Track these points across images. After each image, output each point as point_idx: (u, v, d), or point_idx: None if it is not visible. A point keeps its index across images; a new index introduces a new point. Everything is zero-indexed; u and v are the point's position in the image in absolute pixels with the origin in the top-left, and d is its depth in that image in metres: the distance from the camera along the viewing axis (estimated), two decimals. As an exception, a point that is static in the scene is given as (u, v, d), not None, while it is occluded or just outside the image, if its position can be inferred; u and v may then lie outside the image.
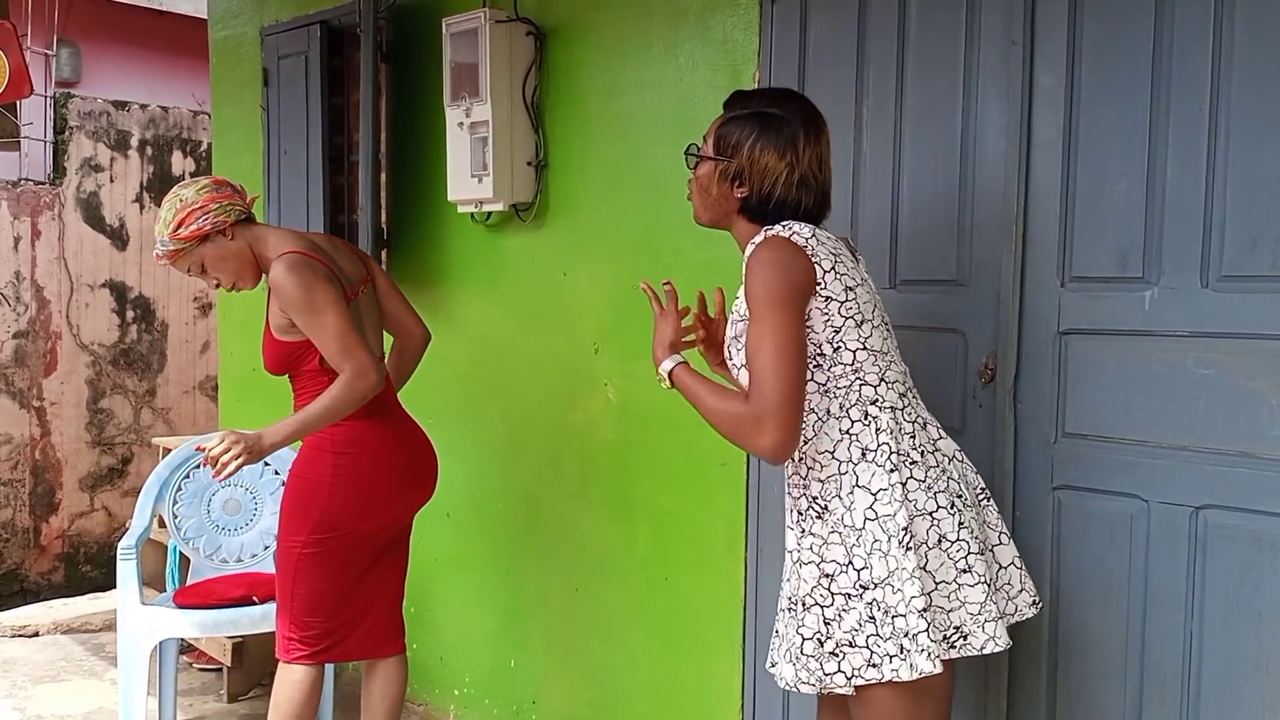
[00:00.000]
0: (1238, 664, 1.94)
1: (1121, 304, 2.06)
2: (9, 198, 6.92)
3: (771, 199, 1.91)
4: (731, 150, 1.92)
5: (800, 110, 1.93)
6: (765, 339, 1.80)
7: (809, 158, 1.90)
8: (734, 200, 1.95)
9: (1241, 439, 1.92)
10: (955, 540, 1.83)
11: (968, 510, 1.87)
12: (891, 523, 1.80)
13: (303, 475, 2.64)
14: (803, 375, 1.81)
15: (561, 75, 3.11)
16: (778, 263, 1.82)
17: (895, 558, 1.79)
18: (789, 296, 1.81)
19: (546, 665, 3.27)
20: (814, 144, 1.91)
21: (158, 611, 3.11)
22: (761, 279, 1.82)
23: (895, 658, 1.77)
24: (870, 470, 1.83)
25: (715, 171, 1.95)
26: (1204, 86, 1.95)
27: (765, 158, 1.90)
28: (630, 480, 2.99)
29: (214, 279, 2.61)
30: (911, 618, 1.77)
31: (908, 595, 1.78)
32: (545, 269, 3.20)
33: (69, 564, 7.30)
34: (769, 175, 1.90)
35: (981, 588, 1.83)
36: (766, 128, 1.90)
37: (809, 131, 1.91)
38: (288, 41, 3.99)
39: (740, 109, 1.95)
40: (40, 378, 7.09)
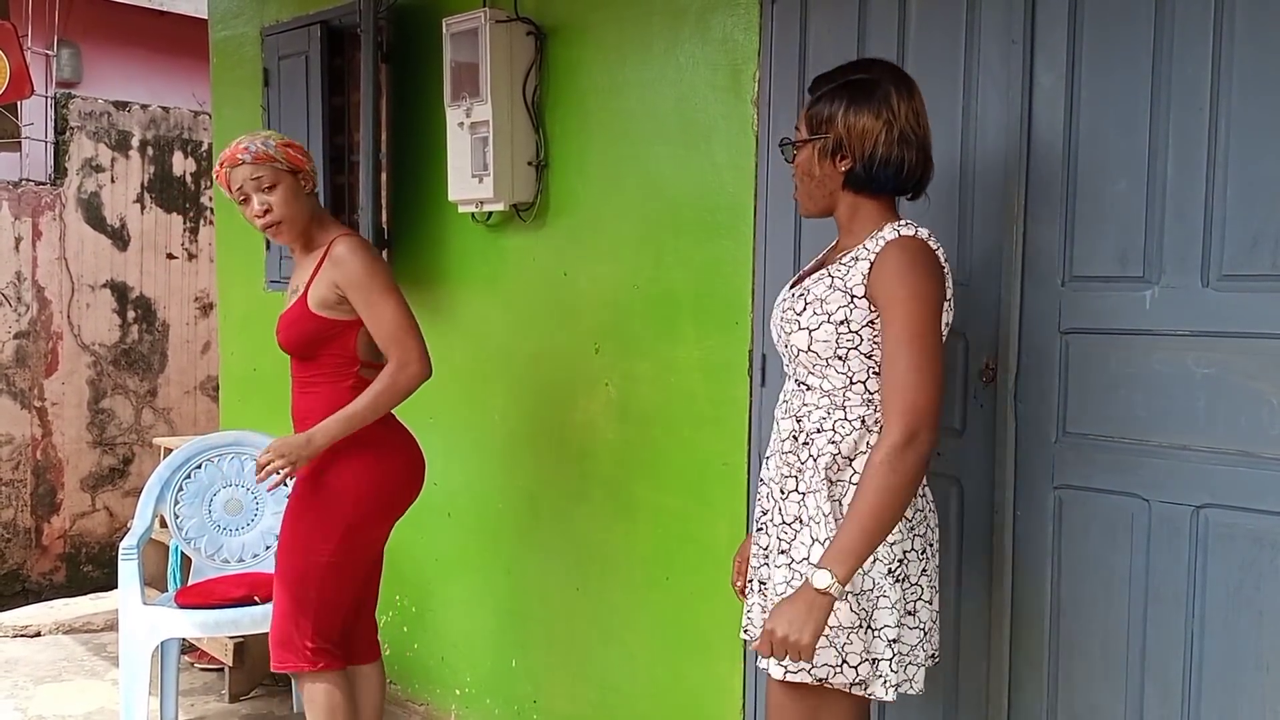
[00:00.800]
0: (1238, 663, 1.94)
1: (1122, 303, 2.06)
2: (10, 198, 6.92)
3: (875, 160, 1.86)
4: (826, 125, 1.89)
5: (887, 70, 1.91)
6: (917, 343, 1.77)
7: (905, 112, 1.87)
8: (838, 175, 1.90)
9: (1242, 438, 1.92)
10: (914, 584, 1.87)
11: (932, 560, 1.92)
12: (885, 549, 1.82)
13: (323, 482, 2.59)
14: (942, 369, 1.80)
15: (562, 75, 3.11)
16: (933, 270, 1.82)
17: (874, 579, 1.81)
18: (935, 304, 1.80)
19: (548, 665, 3.27)
20: (908, 99, 1.88)
21: (159, 611, 3.11)
22: (916, 278, 1.79)
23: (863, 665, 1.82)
24: None
25: (814, 151, 1.91)
26: (1204, 86, 1.95)
27: (862, 120, 1.86)
28: (631, 480, 2.99)
29: (265, 205, 2.54)
30: (878, 645, 1.81)
31: (878, 620, 1.81)
32: (546, 268, 3.20)
33: (70, 564, 7.31)
34: (868, 137, 1.86)
35: (918, 632, 1.88)
36: (857, 93, 1.87)
37: (900, 88, 1.88)
38: (288, 42, 3.99)
39: (825, 86, 1.93)
40: (41, 378, 7.10)
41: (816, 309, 1.86)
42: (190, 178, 7.66)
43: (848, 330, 1.84)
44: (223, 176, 2.59)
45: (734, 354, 2.69)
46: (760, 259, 2.63)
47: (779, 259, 2.58)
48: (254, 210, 2.56)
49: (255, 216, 2.56)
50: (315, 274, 2.58)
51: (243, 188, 2.55)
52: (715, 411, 2.74)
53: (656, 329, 2.89)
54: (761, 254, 2.63)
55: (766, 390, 2.62)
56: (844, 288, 1.84)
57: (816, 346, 1.86)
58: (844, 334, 1.84)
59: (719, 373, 2.73)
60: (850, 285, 1.84)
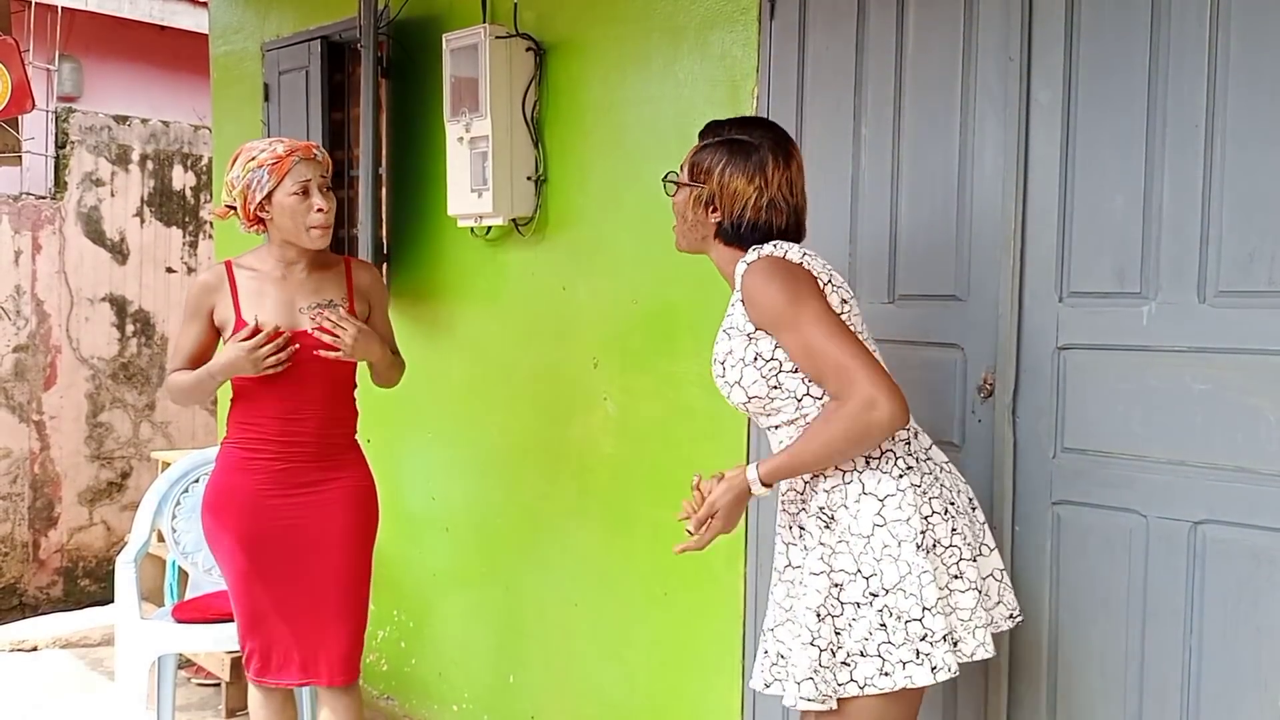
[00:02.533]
0: (1237, 679, 1.94)
1: (1119, 319, 2.06)
2: (10, 212, 6.93)
3: (743, 222, 1.95)
4: (704, 176, 1.98)
5: (769, 135, 1.98)
6: (814, 332, 1.82)
7: (778, 181, 1.94)
8: (709, 224, 1.99)
9: (1239, 454, 1.93)
10: (949, 546, 1.86)
11: (960, 517, 1.90)
12: (904, 527, 1.81)
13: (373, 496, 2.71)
14: (865, 347, 1.83)
15: (561, 91, 3.12)
16: (783, 271, 1.86)
17: (908, 561, 1.80)
18: (809, 292, 1.84)
19: (545, 681, 3.26)
20: (783, 168, 1.95)
21: (156, 626, 3.11)
22: (774, 288, 1.84)
23: (910, 664, 1.78)
24: (876, 476, 1.85)
25: (690, 197, 2.00)
26: (1200, 103, 1.96)
27: (734, 182, 1.94)
28: (629, 495, 2.99)
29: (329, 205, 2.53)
30: (929, 618, 1.78)
31: (926, 597, 1.79)
32: (545, 283, 3.21)
33: (68, 578, 7.29)
34: (738, 199, 1.94)
35: (972, 594, 1.86)
36: (735, 154, 1.95)
37: (777, 156, 1.95)
38: (288, 57, 4.00)
39: (711, 137, 2.01)
40: (40, 391, 7.09)
41: (730, 362, 1.93)
42: (190, 192, 7.68)
43: (764, 361, 1.89)
44: (286, 164, 2.49)
45: (732, 369, 2.70)
46: (759, 274, 2.63)
47: (777, 274, 2.59)
48: (318, 205, 2.50)
49: (317, 211, 2.51)
50: (351, 291, 2.63)
51: (309, 181, 2.50)
52: (714, 427, 2.74)
53: (655, 344, 2.89)
54: (760, 269, 2.63)
55: (765, 405, 2.63)
56: (738, 331, 1.91)
57: (753, 391, 1.91)
58: (764, 366, 1.89)
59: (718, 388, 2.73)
60: (740, 327, 1.91)
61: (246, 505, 2.58)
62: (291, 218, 2.51)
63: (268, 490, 2.58)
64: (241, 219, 2.58)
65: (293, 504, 2.60)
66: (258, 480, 2.58)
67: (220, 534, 2.60)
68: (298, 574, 2.60)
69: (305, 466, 2.60)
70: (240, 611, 2.63)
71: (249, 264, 2.61)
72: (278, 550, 2.59)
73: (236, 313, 2.55)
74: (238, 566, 2.59)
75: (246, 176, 2.52)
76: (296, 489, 2.60)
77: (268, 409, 2.57)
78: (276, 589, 2.60)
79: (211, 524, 2.62)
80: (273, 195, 2.51)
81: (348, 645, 2.64)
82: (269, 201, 2.51)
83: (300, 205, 2.51)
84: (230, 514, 2.58)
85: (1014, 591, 2.18)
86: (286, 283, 2.58)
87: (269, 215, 2.54)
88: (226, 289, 2.58)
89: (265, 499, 2.58)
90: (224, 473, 2.63)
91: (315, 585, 2.61)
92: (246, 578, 2.59)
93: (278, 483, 2.59)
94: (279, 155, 2.50)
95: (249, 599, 2.60)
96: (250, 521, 2.57)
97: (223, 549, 2.61)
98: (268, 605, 2.60)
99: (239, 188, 2.53)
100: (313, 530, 2.60)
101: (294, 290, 2.58)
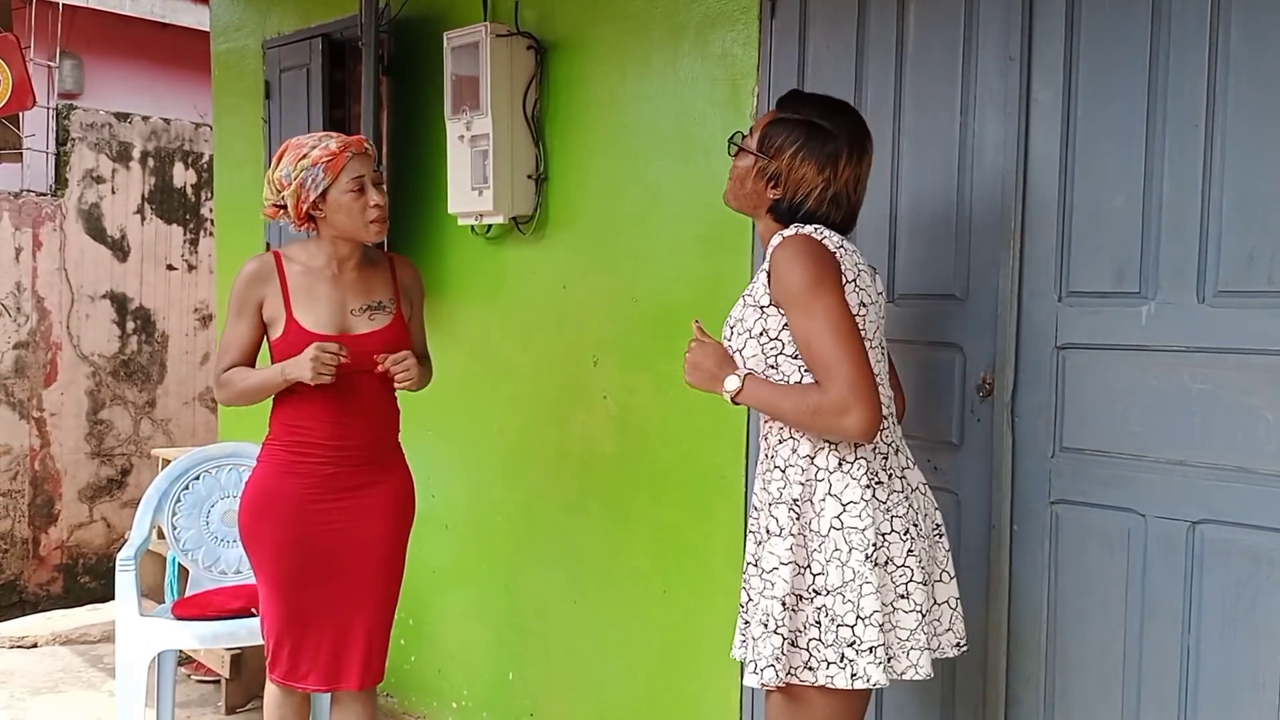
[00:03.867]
0: (1235, 679, 1.94)
1: (1118, 319, 2.07)
2: (11, 209, 6.94)
3: (802, 209, 1.93)
4: (774, 152, 1.94)
5: (849, 127, 1.95)
6: (821, 322, 1.81)
7: (847, 177, 1.92)
8: (765, 199, 1.96)
9: (1238, 454, 1.93)
10: (901, 566, 1.87)
11: (920, 540, 1.91)
12: (858, 535, 1.83)
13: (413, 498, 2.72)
14: (864, 348, 1.83)
15: (562, 89, 3.12)
16: (813, 255, 1.84)
17: (854, 569, 1.82)
18: (831, 283, 1.83)
19: (544, 678, 3.27)
20: (855, 164, 1.93)
21: (156, 623, 3.11)
22: (800, 267, 1.83)
23: (833, 665, 1.81)
24: (844, 481, 1.86)
25: (754, 167, 1.96)
26: (1200, 103, 1.96)
27: (804, 168, 1.91)
28: (629, 493, 2.99)
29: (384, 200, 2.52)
30: (862, 628, 1.80)
31: (863, 607, 1.81)
32: (545, 281, 3.21)
33: (68, 575, 7.30)
34: (804, 186, 1.92)
35: (915, 616, 1.87)
36: (812, 138, 1.91)
37: (853, 151, 1.93)
38: (289, 54, 4.01)
39: (791, 112, 1.96)
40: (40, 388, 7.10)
41: (739, 330, 1.93)
42: (191, 189, 7.68)
43: (768, 339, 1.89)
44: (340, 161, 2.43)
45: (732, 367, 2.70)
46: (758, 273, 2.64)
47: (777, 273, 2.59)
48: (374, 201, 2.47)
49: (374, 207, 2.47)
50: (397, 290, 2.61)
51: (363, 178, 2.46)
52: (713, 425, 2.75)
53: (655, 342, 2.89)
54: (759, 268, 2.63)
55: (764, 404, 2.63)
56: (754, 301, 1.91)
57: (750, 364, 1.92)
58: (766, 344, 1.89)
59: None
60: (758, 298, 1.90)
61: (292, 509, 2.51)
62: (348, 215, 2.46)
63: (313, 495, 2.52)
64: (292, 218, 2.50)
65: (338, 508, 2.55)
66: (304, 484, 2.52)
67: (261, 536, 2.53)
68: (336, 577, 2.55)
69: (352, 471, 2.55)
70: (273, 614, 2.55)
71: (299, 258, 2.54)
72: (319, 554, 2.53)
73: (287, 310, 2.48)
74: (277, 570, 2.52)
75: (299, 175, 2.44)
76: (342, 493, 2.55)
77: (318, 412, 2.50)
78: (314, 592, 2.54)
79: (252, 525, 2.54)
80: (327, 193, 2.45)
81: (378, 648, 2.62)
82: (323, 200, 2.45)
83: (356, 202, 2.46)
84: (274, 517, 2.52)
85: (1008, 594, 2.20)
86: (339, 282, 2.53)
87: (322, 214, 2.48)
88: (276, 282, 2.50)
89: (310, 503, 2.52)
90: (269, 475, 2.55)
91: (352, 589, 2.57)
92: (285, 581, 2.52)
93: (324, 487, 2.53)
94: (333, 152, 2.44)
95: (284, 602, 2.53)
96: (295, 526, 2.51)
97: (263, 551, 2.54)
98: (303, 608, 2.53)
99: (290, 186, 2.45)
100: (355, 534, 2.56)
101: (345, 290, 2.54)
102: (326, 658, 2.57)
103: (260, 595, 2.60)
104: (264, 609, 2.59)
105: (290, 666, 2.57)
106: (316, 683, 2.58)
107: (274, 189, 2.49)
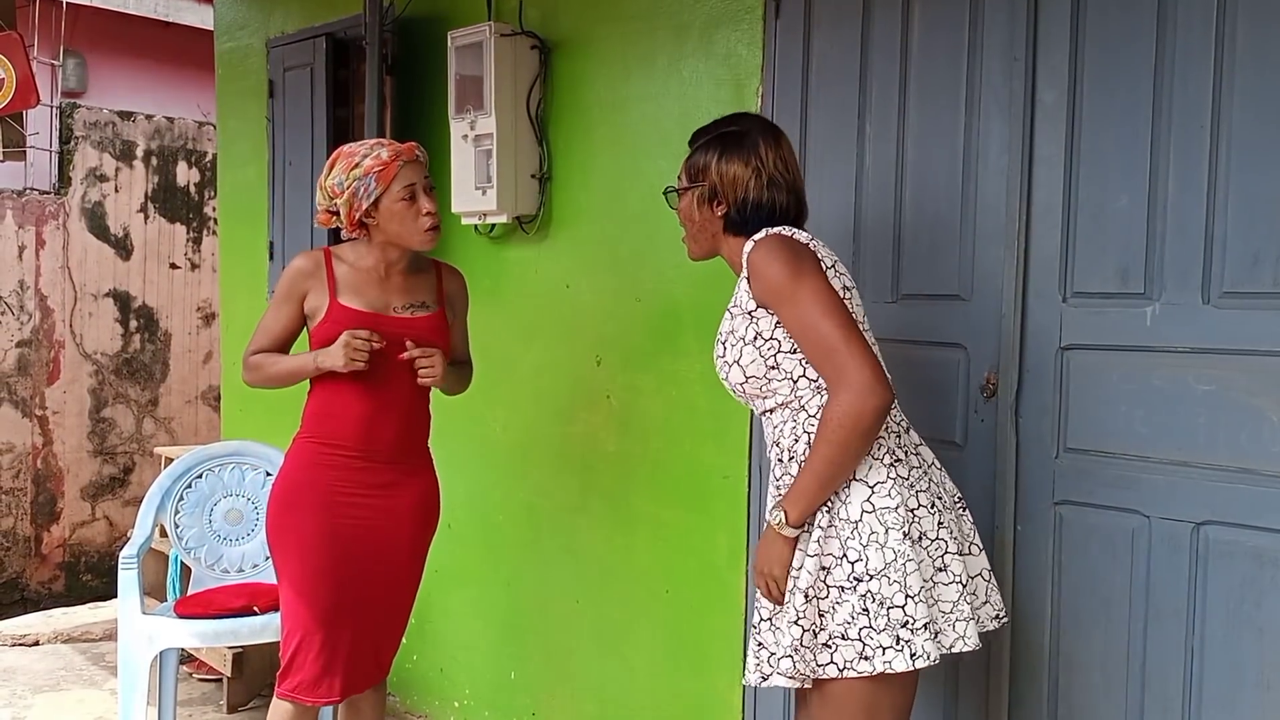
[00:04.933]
0: (1238, 680, 1.94)
1: (1123, 320, 2.06)
2: (14, 207, 6.94)
3: (747, 204, 1.99)
4: (701, 174, 2.03)
5: (756, 122, 2.06)
6: (811, 307, 1.84)
7: (772, 159, 1.99)
8: (716, 220, 2.03)
9: (1242, 455, 1.92)
10: (935, 539, 1.87)
11: (947, 512, 1.92)
12: (891, 514, 1.83)
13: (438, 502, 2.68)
14: (859, 328, 1.85)
15: (565, 89, 3.12)
16: (786, 247, 1.89)
17: (893, 549, 1.81)
18: (812, 269, 1.87)
19: (546, 677, 3.27)
20: (774, 146, 2.01)
21: (158, 621, 3.11)
22: (777, 263, 1.87)
23: (890, 649, 1.80)
24: (868, 464, 1.86)
25: (693, 199, 2.05)
26: (1205, 104, 1.96)
27: (732, 168, 1.99)
28: (631, 492, 2.99)
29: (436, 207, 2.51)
30: (912, 606, 1.80)
31: (910, 585, 1.80)
32: (548, 281, 3.21)
33: (70, 573, 7.30)
34: (739, 183, 1.99)
35: (955, 587, 1.88)
36: (727, 143, 2.01)
37: (767, 136, 2.02)
38: (293, 53, 4.01)
39: (700, 139, 2.07)
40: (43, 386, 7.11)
41: (731, 341, 1.96)
42: (194, 188, 7.69)
43: (763, 341, 1.92)
44: (392, 170, 2.43)
45: (735, 367, 2.70)
46: (762, 273, 2.64)
47: (781, 273, 2.59)
48: (426, 209, 2.46)
49: (427, 214, 2.46)
50: (442, 296, 2.62)
51: (414, 185, 2.45)
52: (716, 425, 2.75)
53: (658, 342, 2.89)
54: (763, 268, 2.63)
55: (768, 404, 2.63)
56: (740, 310, 1.95)
57: (750, 371, 1.94)
58: (763, 345, 1.92)
59: (720, 386, 2.72)
60: (743, 305, 1.94)
61: (321, 501, 2.49)
62: (400, 223, 2.46)
63: (343, 488, 2.49)
64: (345, 225, 2.50)
65: (367, 505, 2.52)
66: (334, 476, 2.50)
67: (288, 530, 2.50)
68: (362, 579, 2.52)
69: (382, 468, 2.53)
70: (298, 617, 2.48)
71: (348, 258, 2.53)
72: (347, 551, 2.50)
73: (332, 296, 2.48)
74: (304, 565, 2.48)
75: (352, 184, 2.43)
76: (372, 490, 2.52)
77: (352, 407, 2.48)
78: (340, 593, 2.49)
79: (281, 519, 2.51)
80: (379, 202, 2.44)
81: (394, 648, 2.63)
82: (375, 208, 2.44)
83: (409, 210, 2.45)
84: (303, 510, 2.49)
85: (1012, 594, 2.19)
86: (385, 285, 2.53)
87: (374, 221, 2.47)
88: (324, 278, 2.50)
89: (340, 496, 2.49)
90: (299, 468, 2.52)
91: (376, 591, 2.54)
92: (313, 577, 2.48)
93: (354, 481, 2.50)
94: (384, 161, 2.43)
95: (311, 602, 2.48)
96: (324, 518, 2.48)
97: (289, 546, 2.50)
98: (327, 608, 2.48)
99: (344, 195, 2.44)
100: (383, 534, 2.54)
101: (391, 292, 2.53)
102: (348, 661, 2.52)
103: (284, 600, 2.54)
104: (288, 613, 2.52)
105: (314, 675, 2.49)
106: (331, 693, 2.51)
107: (326, 196, 2.49)
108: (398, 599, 2.61)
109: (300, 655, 2.50)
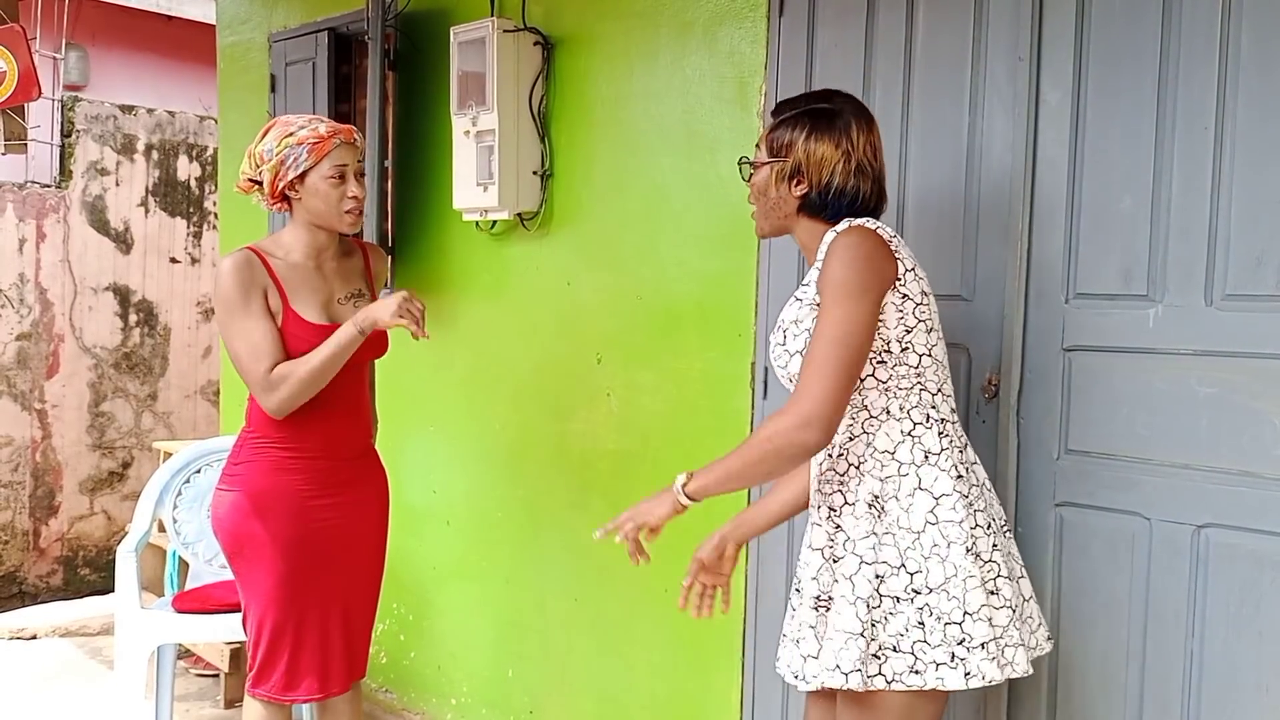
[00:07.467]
0: (1238, 683, 1.94)
1: (1125, 321, 2.06)
2: (15, 200, 6.94)
3: (830, 189, 1.89)
4: (786, 149, 1.92)
5: (849, 101, 1.94)
6: (832, 328, 1.76)
7: (863, 145, 1.90)
8: (793, 199, 1.92)
9: (1244, 458, 1.92)
10: (989, 560, 1.81)
11: (999, 534, 1.86)
12: (955, 529, 1.78)
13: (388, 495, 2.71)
14: (859, 371, 1.79)
15: (568, 85, 3.12)
16: (863, 250, 1.80)
17: (955, 564, 1.77)
18: (868, 286, 1.78)
19: (544, 675, 3.26)
20: (866, 131, 1.91)
21: (156, 616, 3.11)
22: (843, 264, 1.79)
23: (944, 665, 1.75)
24: (934, 474, 1.81)
25: (772, 173, 1.93)
26: (1210, 106, 1.95)
27: (820, 148, 1.89)
28: (631, 490, 2.97)
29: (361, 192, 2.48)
30: (970, 624, 1.75)
31: (969, 602, 1.75)
32: (549, 278, 3.20)
33: (68, 567, 7.30)
34: (826, 165, 1.89)
35: (1006, 611, 1.81)
36: (818, 120, 1.90)
37: (860, 119, 1.91)
38: (295, 48, 4.00)
39: (788, 111, 1.95)
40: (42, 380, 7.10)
41: (794, 331, 1.88)
42: (195, 182, 7.68)
43: None
44: (327, 145, 2.40)
45: (736, 366, 2.69)
46: (764, 272, 2.63)
47: (782, 272, 2.58)
48: (352, 193, 2.43)
49: (351, 197, 2.44)
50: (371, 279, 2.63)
51: (345, 166, 2.43)
52: (717, 423, 2.74)
53: (659, 340, 2.89)
54: (765, 267, 2.63)
55: (768, 402, 2.62)
56: (809, 301, 1.87)
57: (793, 345, 1.88)
58: None
59: (721, 384, 2.73)
60: (813, 297, 1.86)
61: (292, 507, 2.47)
62: (324, 201, 2.42)
63: (310, 490, 2.49)
64: (265, 195, 2.45)
65: (333, 504, 2.52)
66: (301, 480, 2.48)
67: (260, 537, 2.46)
68: (332, 575, 2.52)
69: (342, 465, 2.53)
70: (270, 620, 2.48)
71: (276, 252, 2.47)
72: (317, 552, 2.50)
73: (285, 304, 2.43)
74: (277, 571, 2.46)
75: (281, 152, 2.39)
76: (336, 488, 2.53)
77: (314, 409, 2.45)
78: (311, 593, 2.50)
79: (249, 527, 2.47)
80: (306, 175, 2.40)
81: (366, 643, 2.64)
82: (300, 181, 2.41)
83: (334, 190, 2.42)
84: (275, 516, 2.46)
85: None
86: (322, 274, 2.51)
87: (297, 195, 2.43)
88: (268, 277, 2.44)
89: (309, 499, 2.48)
90: (266, 473, 2.48)
91: (347, 586, 2.56)
92: (285, 582, 2.46)
93: (320, 482, 2.49)
94: (321, 135, 2.40)
95: (282, 606, 2.47)
96: (296, 523, 2.46)
97: (262, 553, 2.47)
98: (300, 609, 2.48)
99: (270, 161, 2.40)
100: (350, 531, 2.55)
101: (330, 281, 2.52)
102: (320, 661, 2.52)
103: (250, 606, 2.51)
104: (257, 617, 2.50)
105: (286, 676, 2.50)
106: (309, 691, 2.52)
107: (253, 163, 2.44)
108: (366, 593, 2.63)
109: (273, 660, 2.50)
